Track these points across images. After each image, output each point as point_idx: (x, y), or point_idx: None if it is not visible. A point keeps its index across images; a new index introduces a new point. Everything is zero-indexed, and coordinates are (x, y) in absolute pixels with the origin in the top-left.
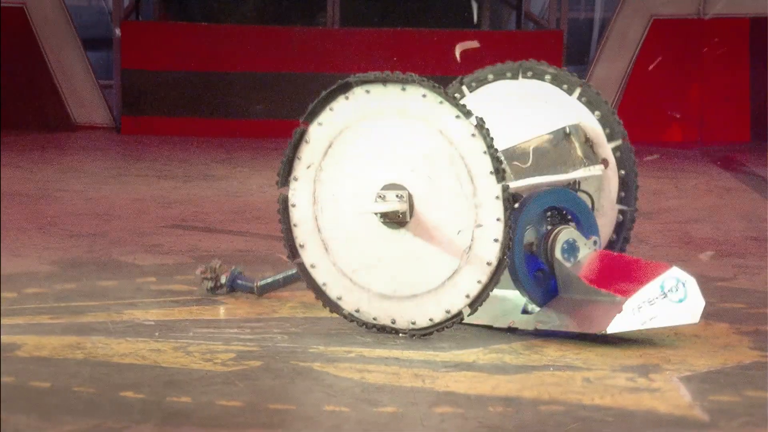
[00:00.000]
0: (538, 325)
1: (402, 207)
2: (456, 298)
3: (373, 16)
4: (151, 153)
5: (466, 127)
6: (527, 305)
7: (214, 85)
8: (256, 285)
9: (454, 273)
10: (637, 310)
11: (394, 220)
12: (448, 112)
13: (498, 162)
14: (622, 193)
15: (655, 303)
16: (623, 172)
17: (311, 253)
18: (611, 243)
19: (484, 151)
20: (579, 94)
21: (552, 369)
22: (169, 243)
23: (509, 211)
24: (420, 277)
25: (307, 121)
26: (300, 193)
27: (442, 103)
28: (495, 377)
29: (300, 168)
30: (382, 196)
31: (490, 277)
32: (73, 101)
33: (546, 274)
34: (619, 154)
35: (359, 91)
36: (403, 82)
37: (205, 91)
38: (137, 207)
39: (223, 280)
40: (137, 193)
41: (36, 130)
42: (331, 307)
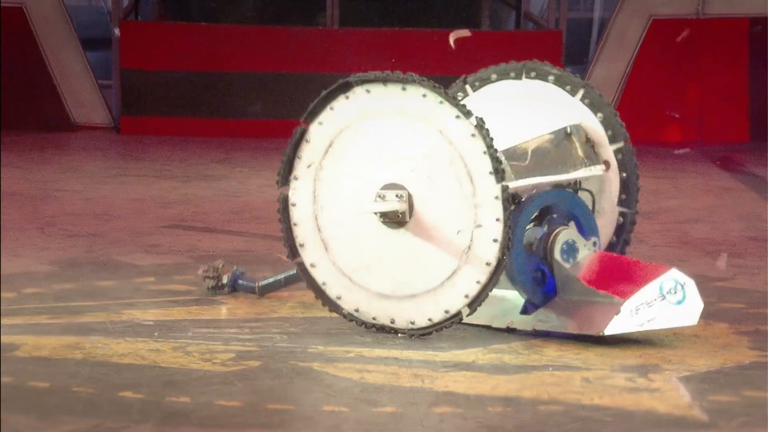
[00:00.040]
0: (537, 326)
1: (401, 207)
2: (455, 298)
3: (372, 16)
4: (150, 153)
5: (465, 127)
6: (526, 306)
7: (214, 85)
8: (257, 285)
9: (453, 273)
10: (634, 311)
11: (393, 220)
12: (448, 112)
13: (497, 162)
14: (623, 196)
15: (653, 305)
16: (624, 175)
17: (311, 253)
18: (611, 245)
19: (484, 152)
20: (582, 95)
21: (551, 369)
22: (168, 243)
23: (508, 211)
24: (419, 277)
25: (308, 120)
26: (300, 192)
27: (442, 103)
28: (494, 377)
29: (300, 167)
30: (382, 196)
31: (489, 278)
32: (72, 101)
33: (545, 274)
34: (621, 157)
35: (360, 90)
36: (403, 82)
37: (205, 91)
38: (136, 207)
39: (225, 280)
40: (136, 193)
41: (35, 130)
42: (331, 306)
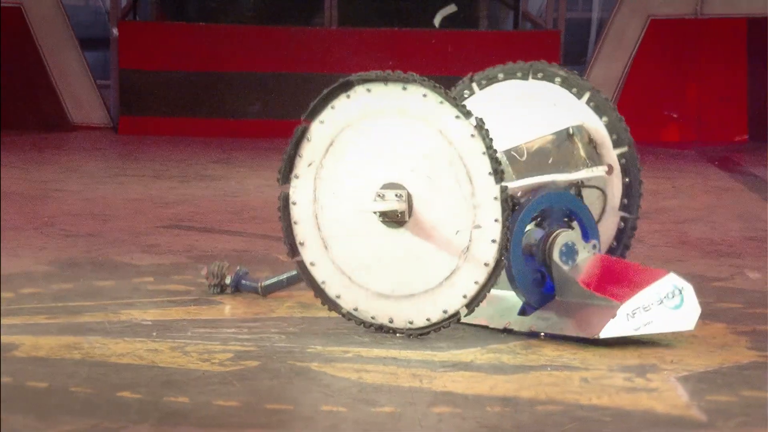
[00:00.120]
0: (533, 327)
1: (401, 206)
2: (453, 299)
3: (370, 16)
4: (148, 153)
5: (465, 127)
6: (524, 307)
7: (212, 85)
8: (260, 285)
9: (452, 273)
10: (631, 315)
11: (393, 220)
12: (448, 112)
13: (497, 163)
14: (625, 200)
15: (650, 309)
16: (627, 180)
17: (311, 251)
18: (611, 249)
19: (483, 152)
20: (588, 98)
21: (549, 369)
22: (167, 243)
23: (507, 212)
24: (418, 277)
25: (309, 119)
26: (301, 190)
27: (442, 103)
28: (493, 377)
29: (301, 166)
30: (382, 195)
31: (488, 278)
32: (71, 101)
33: (545, 276)
34: (625, 161)
35: (360, 89)
36: (404, 82)
37: (203, 91)
38: (134, 207)
39: (228, 280)
40: (134, 193)
41: (33, 130)
42: (330, 305)
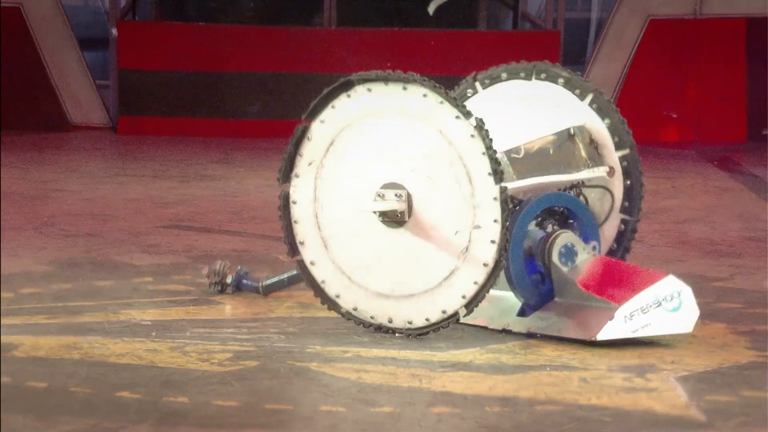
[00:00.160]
0: (531, 329)
1: (400, 206)
2: (452, 299)
3: (370, 16)
4: (148, 153)
5: (465, 127)
6: (524, 308)
7: (211, 85)
8: (261, 285)
9: (451, 273)
10: (629, 317)
11: (392, 219)
12: (448, 112)
13: (496, 163)
14: (626, 203)
15: (648, 311)
16: (629, 183)
17: (311, 251)
18: (611, 252)
19: (483, 152)
20: (591, 100)
21: (549, 369)
22: (166, 243)
23: (506, 212)
24: (417, 277)
25: (310, 118)
26: (301, 189)
27: (442, 103)
28: (492, 377)
29: (302, 165)
30: (382, 195)
31: (487, 279)
32: (70, 101)
33: (544, 277)
34: (626, 164)
35: (361, 89)
36: (404, 81)
37: (202, 91)
38: (134, 207)
39: (229, 280)
40: (134, 193)
41: (33, 130)
42: (329, 304)
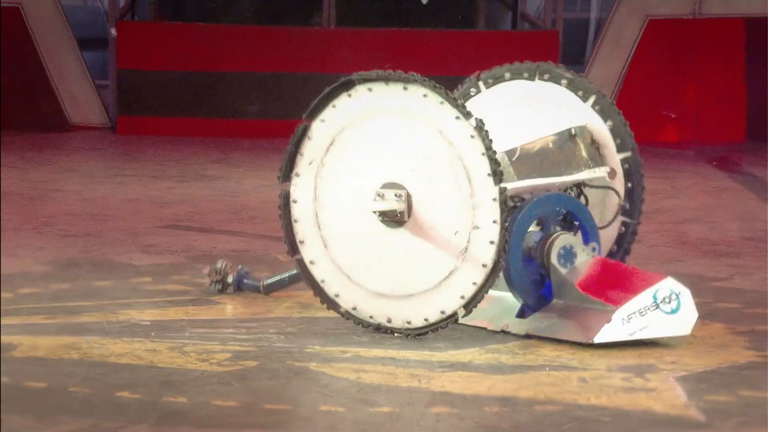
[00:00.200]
0: (530, 331)
1: (400, 206)
2: (451, 299)
3: (369, 16)
4: (146, 153)
5: (465, 128)
6: (523, 309)
7: (210, 85)
8: (262, 284)
9: (450, 274)
10: (626, 320)
11: (392, 219)
12: (448, 113)
13: (496, 164)
14: (627, 205)
15: (646, 313)
16: (630, 185)
17: (311, 250)
18: (611, 254)
19: (483, 153)
20: (593, 102)
21: (548, 369)
22: (165, 243)
23: (506, 213)
24: (416, 277)
25: (310, 118)
26: (301, 189)
27: (442, 103)
28: (491, 377)
29: (302, 164)
30: (381, 195)
31: (485, 279)
32: (69, 101)
33: (543, 278)
34: (628, 166)
35: (362, 89)
36: (405, 81)
37: (201, 91)
38: (133, 207)
39: (230, 279)
40: (133, 193)
41: (32, 130)
42: (329, 304)
